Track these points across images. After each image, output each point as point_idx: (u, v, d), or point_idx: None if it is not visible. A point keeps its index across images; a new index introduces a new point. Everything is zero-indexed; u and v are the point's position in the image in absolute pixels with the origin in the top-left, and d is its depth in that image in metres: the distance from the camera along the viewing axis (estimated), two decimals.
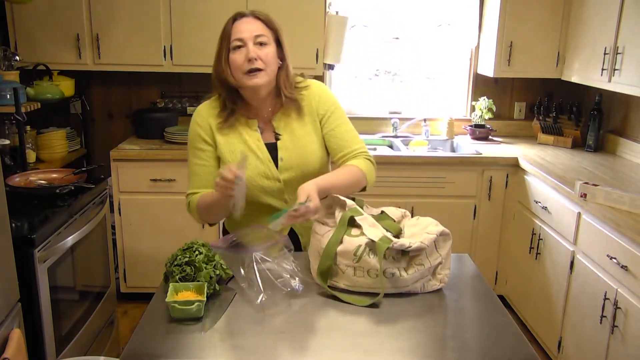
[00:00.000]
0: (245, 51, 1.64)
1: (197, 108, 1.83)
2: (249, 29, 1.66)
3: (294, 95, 1.74)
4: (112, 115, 3.80)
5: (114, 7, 3.27)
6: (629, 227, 2.15)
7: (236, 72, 1.67)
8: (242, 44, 1.65)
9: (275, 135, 1.76)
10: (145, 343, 1.32)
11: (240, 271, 1.60)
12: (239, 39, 1.65)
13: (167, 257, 1.57)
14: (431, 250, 1.54)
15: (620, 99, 3.37)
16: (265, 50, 1.66)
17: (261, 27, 1.68)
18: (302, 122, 1.76)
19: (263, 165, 1.72)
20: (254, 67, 1.64)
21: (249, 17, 1.69)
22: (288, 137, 1.75)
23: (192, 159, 1.78)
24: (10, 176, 2.36)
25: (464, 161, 3.30)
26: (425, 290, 1.57)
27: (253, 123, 1.75)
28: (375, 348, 1.31)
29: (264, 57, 1.65)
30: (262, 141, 1.74)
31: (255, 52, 1.64)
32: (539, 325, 2.97)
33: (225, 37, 1.68)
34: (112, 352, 2.66)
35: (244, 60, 1.64)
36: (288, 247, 1.61)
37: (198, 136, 1.77)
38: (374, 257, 1.49)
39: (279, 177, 1.73)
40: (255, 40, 1.65)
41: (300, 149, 1.74)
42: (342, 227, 1.55)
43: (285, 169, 1.73)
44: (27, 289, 1.94)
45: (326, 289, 1.52)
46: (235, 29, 1.67)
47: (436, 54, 3.89)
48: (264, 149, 1.73)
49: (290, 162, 1.73)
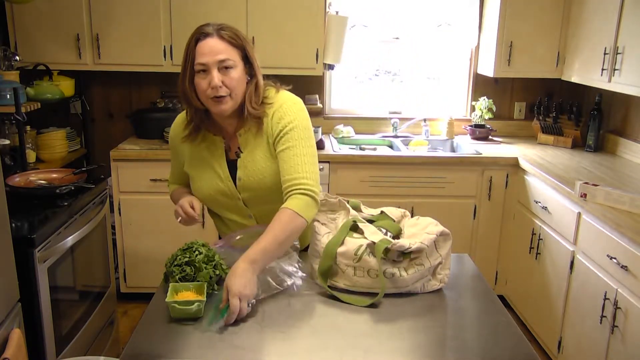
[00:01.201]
0: (209, 77, 1.54)
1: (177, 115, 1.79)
2: (213, 51, 1.53)
3: (257, 112, 1.63)
4: (112, 115, 3.80)
5: (114, 7, 3.27)
6: (629, 227, 2.15)
7: (201, 95, 1.58)
8: (205, 69, 1.54)
9: (237, 152, 1.69)
10: (145, 343, 1.32)
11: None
12: (202, 64, 1.54)
13: (167, 257, 1.57)
14: (431, 250, 1.54)
15: (620, 99, 3.37)
16: (230, 75, 1.55)
17: (225, 49, 1.55)
18: (260, 140, 1.66)
19: (222, 184, 1.69)
20: (219, 94, 1.55)
21: (213, 37, 1.54)
22: (248, 155, 1.67)
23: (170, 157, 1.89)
24: (10, 176, 2.36)
25: (464, 161, 3.30)
26: (425, 290, 1.57)
27: (219, 140, 1.69)
28: (375, 348, 1.31)
29: (228, 83, 1.56)
30: (224, 158, 1.69)
31: (220, 78, 1.54)
32: (539, 325, 2.97)
33: (189, 58, 1.56)
34: (112, 352, 2.66)
35: (207, 86, 1.55)
36: (294, 247, 1.62)
37: (171, 142, 1.82)
38: (374, 257, 1.49)
39: (238, 196, 1.70)
40: (220, 65, 1.54)
41: (257, 169, 1.66)
42: (344, 230, 1.56)
43: (243, 188, 1.68)
44: (27, 289, 1.93)
45: (326, 289, 1.52)
46: (199, 52, 1.54)
47: (436, 54, 3.89)
48: (225, 167, 1.68)
49: (247, 181, 1.67)
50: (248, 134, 1.67)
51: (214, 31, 1.55)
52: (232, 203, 1.71)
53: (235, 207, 1.72)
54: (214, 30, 1.56)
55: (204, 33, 1.55)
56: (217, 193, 1.70)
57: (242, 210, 1.73)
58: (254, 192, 1.68)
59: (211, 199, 1.72)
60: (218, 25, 1.58)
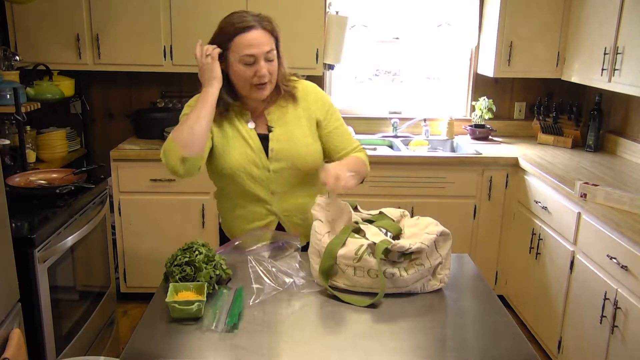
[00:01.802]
0: (255, 67, 1.65)
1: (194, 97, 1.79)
2: (260, 43, 1.64)
3: (290, 89, 1.77)
4: (112, 115, 3.80)
5: (114, 7, 3.27)
6: (629, 227, 2.15)
7: (242, 81, 1.68)
8: (253, 61, 1.65)
9: (268, 128, 1.77)
10: (145, 343, 1.32)
11: (240, 271, 1.61)
12: (250, 55, 1.64)
13: (167, 257, 1.57)
14: (431, 250, 1.54)
15: (620, 99, 3.37)
16: (273, 64, 1.69)
17: (268, 40, 1.67)
18: (296, 116, 1.78)
19: (253, 154, 1.74)
20: (264, 82, 1.67)
21: (258, 29, 1.65)
22: (280, 130, 1.76)
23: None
24: (10, 176, 2.36)
25: (464, 161, 3.30)
26: (425, 290, 1.57)
27: (246, 114, 1.77)
28: (375, 348, 1.31)
29: (271, 71, 1.68)
30: (254, 131, 1.77)
31: (266, 68, 1.66)
32: (539, 325, 2.97)
33: (235, 47, 1.65)
34: (112, 352, 2.66)
35: (253, 75, 1.66)
36: (294, 246, 1.63)
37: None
38: (374, 257, 1.49)
39: (268, 167, 1.75)
40: (266, 56, 1.66)
41: (292, 142, 1.76)
42: (346, 231, 1.56)
43: (275, 159, 1.75)
44: (27, 289, 1.94)
45: (327, 289, 1.52)
46: (246, 42, 1.64)
47: (436, 54, 3.89)
48: (256, 139, 1.75)
49: (280, 153, 1.75)
50: (280, 109, 1.78)
51: (256, 23, 1.65)
52: (260, 174, 1.75)
53: (260, 179, 1.76)
54: (256, 22, 1.65)
55: (248, 26, 1.64)
56: (247, 161, 1.74)
57: (268, 182, 1.76)
58: (285, 163, 1.75)
59: (240, 167, 1.73)
60: (257, 16, 1.67)
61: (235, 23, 1.65)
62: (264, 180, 1.76)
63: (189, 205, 3.26)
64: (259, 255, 1.63)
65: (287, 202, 1.79)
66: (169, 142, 1.64)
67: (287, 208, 1.81)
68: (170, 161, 1.62)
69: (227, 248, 1.68)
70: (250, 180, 1.75)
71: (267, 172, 1.75)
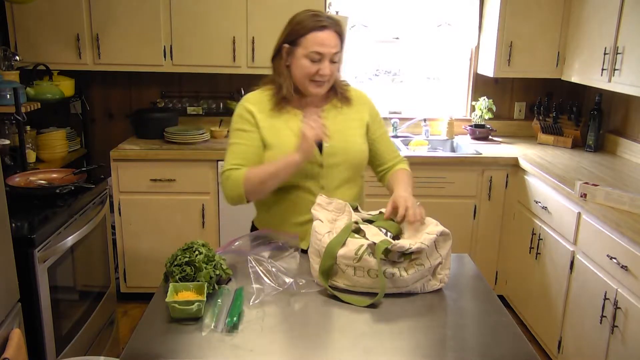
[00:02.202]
0: (320, 65, 1.73)
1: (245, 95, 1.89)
2: (330, 44, 1.72)
3: (345, 92, 1.87)
4: (112, 115, 3.80)
5: (114, 7, 3.27)
6: (629, 227, 2.15)
7: (303, 76, 1.75)
8: (319, 59, 1.72)
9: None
10: (145, 343, 1.32)
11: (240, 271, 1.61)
12: (318, 53, 1.72)
13: (167, 257, 1.57)
14: (431, 250, 1.54)
15: (620, 99, 3.37)
16: (336, 65, 1.77)
17: (337, 43, 1.75)
18: (349, 116, 1.86)
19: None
20: (324, 80, 1.75)
21: (331, 31, 1.73)
22: (334, 128, 1.80)
23: (234, 139, 1.82)
24: (10, 176, 2.35)
25: (464, 161, 3.30)
26: (425, 290, 1.57)
27: (298, 114, 1.82)
28: (375, 348, 1.31)
29: (333, 73, 1.77)
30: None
31: (329, 68, 1.74)
32: (539, 325, 2.97)
33: (305, 44, 1.72)
34: (112, 352, 2.66)
35: (315, 72, 1.73)
36: (295, 246, 1.63)
37: (241, 118, 1.82)
38: (374, 257, 1.49)
39: (321, 162, 1.79)
40: (332, 57, 1.74)
41: (345, 140, 1.82)
42: (346, 231, 1.56)
43: (329, 154, 1.79)
44: (27, 289, 1.94)
45: (327, 289, 1.52)
46: (317, 40, 1.72)
47: (436, 54, 3.89)
48: None
49: (334, 149, 1.80)
50: (334, 108, 1.86)
51: (330, 24, 1.74)
52: (312, 169, 1.78)
53: (312, 174, 1.79)
54: (330, 24, 1.74)
55: (323, 25, 1.72)
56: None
57: (319, 177, 1.80)
58: (338, 158, 1.80)
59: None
60: (332, 19, 1.76)
61: (311, 21, 1.74)
62: (315, 175, 1.79)
63: (189, 205, 3.26)
64: (259, 255, 1.63)
65: (334, 197, 1.79)
66: (237, 179, 1.74)
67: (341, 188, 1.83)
68: (229, 193, 1.77)
69: (227, 248, 1.68)
70: (302, 176, 1.78)
71: (319, 167, 1.79)
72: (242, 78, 3.62)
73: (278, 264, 1.59)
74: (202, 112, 3.73)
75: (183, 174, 3.21)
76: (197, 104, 3.74)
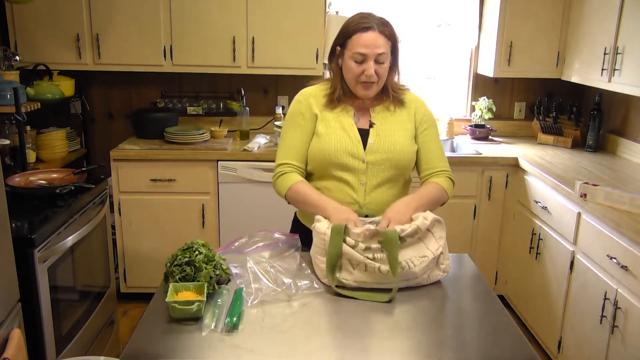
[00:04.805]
0: (364, 66, 1.75)
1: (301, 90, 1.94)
2: (374, 44, 1.73)
3: (398, 96, 1.87)
4: (112, 115, 3.80)
5: (114, 7, 3.27)
6: (629, 227, 2.15)
7: (351, 78, 1.79)
8: (363, 59, 1.74)
9: (370, 123, 1.85)
10: (145, 343, 1.32)
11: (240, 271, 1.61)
12: (362, 54, 1.74)
13: (167, 257, 1.57)
14: (429, 238, 1.58)
15: (620, 99, 3.37)
16: (382, 66, 1.77)
17: (383, 43, 1.75)
18: (400, 118, 1.87)
19: (351, 144, 1.80)
20: (370, 81, 1.77)
21: (375, 31, 1.74)
22: (382, 127, 1.84)
23: (288, 132, 1.88)
24: (10, 176, 2.35)
25: (464, 161, 3.30)
26: (430, 281, 1.60)
27: (351, 110, 1.86)
28: (376, 348, 1.31)
29: (379, 73, 1.77)
30: (355, 125, 1.84)
31: (374, 69, 1.74)
32: (539, 325, 2.97)
33: (350, 45, 1.76)
34: (112, 352, 2.66)
35: (361, 73, 1.76)
36: (295, 246, 1.63)
37: (298, 112, 1.87)
38: (382, 253, 1.50)
39: (364, 158, 1.80)
40: (377, 58, 1.74)
41: (391, 138, 1.82)
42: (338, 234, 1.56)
43: (372, 151, 1.81)
44: (27, 289, 1.93)
45: (333, 288, 1.52)
46: (360, 42, 1.74)
47: (436, 54, 3.89)
48: (355, 131, 1.82)
49: (378, 146, 1.81)
50: (385, 110, 1.87)
51: (376, 25, 1.75)
52: (354, 163, 1.80)
53: (354, 168, 1.81)
54: (375, 25, 1.75)
55: (367, 26, 1.74)
56: (343, 150, 1.80)
57: (361, 173, 1.81)
58: (381, 155, 1.81)
59: (336, 154, 1.80)
60: (379, 20, 1.78)
61: (356, 23, 1.77)
62: (357, 170, 1.81)
63: (189, 205, 3.26)
64: (258, 255, 1.63)
65: (373, 194, 1.82)
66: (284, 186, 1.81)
67: (370, 201, 1.82)
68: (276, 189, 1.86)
69: (227, 248, 1.68)
70: (344, 167, 1.80)
71: (362, 162, 1.80)
72: (242, 78, 3.61)
73: (278, 264, 1.60)
74: (202, 112, 3.73)
75: (183, 174, 3.21)
76: (197, 104, 3.74)
